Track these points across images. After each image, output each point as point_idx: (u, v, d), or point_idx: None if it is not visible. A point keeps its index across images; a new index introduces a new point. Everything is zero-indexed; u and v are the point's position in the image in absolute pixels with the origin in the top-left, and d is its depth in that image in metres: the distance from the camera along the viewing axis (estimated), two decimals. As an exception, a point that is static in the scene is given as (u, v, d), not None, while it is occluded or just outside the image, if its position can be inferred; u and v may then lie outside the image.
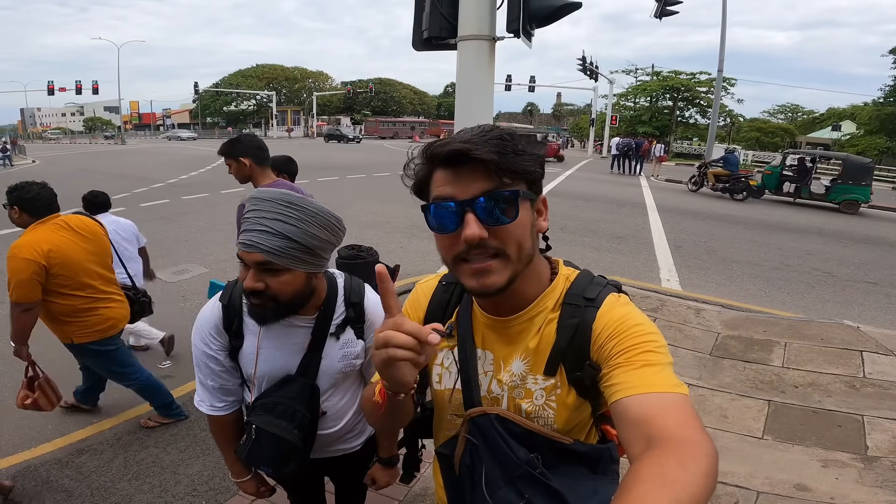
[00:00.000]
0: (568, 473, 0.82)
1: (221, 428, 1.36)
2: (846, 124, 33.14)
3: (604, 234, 8.24)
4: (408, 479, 1.17)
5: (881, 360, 3.70)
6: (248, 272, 1.10)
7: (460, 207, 0.73)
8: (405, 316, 0.69)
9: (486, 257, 0.75)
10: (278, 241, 1.07)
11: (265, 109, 55.89)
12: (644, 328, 0.76)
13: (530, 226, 0.78)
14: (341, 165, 19.51)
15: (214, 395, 1.31)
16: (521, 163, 0.74)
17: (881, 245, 9.08)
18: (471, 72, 3.13)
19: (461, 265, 0.77)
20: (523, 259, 0.78)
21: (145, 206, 10.00)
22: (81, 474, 2.59)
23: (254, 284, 1.09)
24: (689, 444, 0.60)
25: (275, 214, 1.07)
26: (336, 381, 1.31)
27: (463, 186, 0.74)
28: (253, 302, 1.14)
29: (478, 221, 0.73)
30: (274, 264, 1.08)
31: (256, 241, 1.06)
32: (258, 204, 1.09)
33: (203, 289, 5.39)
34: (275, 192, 1.10)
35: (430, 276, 1.03)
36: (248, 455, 1.25)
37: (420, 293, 1.01)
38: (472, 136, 0.74)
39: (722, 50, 17.74)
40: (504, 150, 0.73)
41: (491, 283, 0.76)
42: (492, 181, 0.73)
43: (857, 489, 2.40)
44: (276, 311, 1.15)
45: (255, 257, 1.07)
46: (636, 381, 0.70)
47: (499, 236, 0.74)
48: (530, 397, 0.84)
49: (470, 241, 0.73)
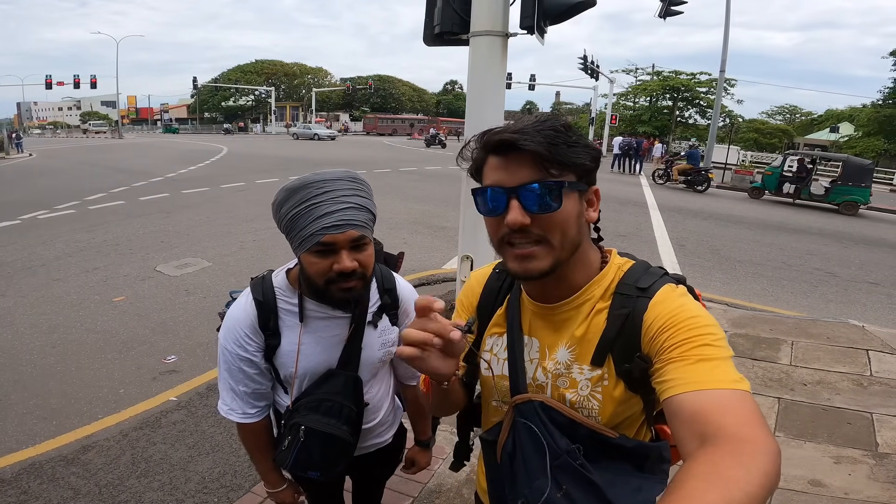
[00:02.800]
0: (611, 468, 0.80)
1: (255, 436, 1.28)
2: (844, 126, 33.24)
3: (606, 233, 7.98)
4: (457, 466, 1.14)
5: (887, 358, 3.72)
6: (339, 255, 1.05)
7: (506, 193, 0.76)
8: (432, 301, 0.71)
9: (529, 243, 0.77)
10: (363, 213, 1.07)
11: (264, 105, 55.65)
12: (700, 320, 0.73)
13: (576, 216, 0.79)
14: (342, 162, 19.45)
15: (246, 401, 1.22)
16: (571, 155, 0.76)
17: (881, 246, 9.11)
18: (483, 68, 3.10)
19: (506, 248, 0.80)
20: (567, 247, 0.79)
21: (145, 200, 9.94)
22: (88, 472, 2.55)
23: (352, 264, 1.05)
24: (748, 442, 0.57)
25: (351, 189, 1.07)
26: (376, 370, 1.29)
27: (511, 173, 0.76)
28: (344, 286, 1.08)
29: (521, 208, 0.75)
30: (365, 238, 1.07)
31: (349, 218, 1.04)
32: (326, 185, 1.05)
33: (206, 283, 5.38)
34: (336, 171, 1.09)
35: (485, 266, 1.04)
36: (294, 460, 1.17)
37: (474, 281, 1.02)
38: (525, 125, 0.76)
39: (724, 51, 17.79)
40: (555, 141, 0.74)
41: (533, 267, 0.78)
42: (539, 171, 0.75)
43: (870, 485, 2.40)
44: (364, 290, 1.13)
45: (350, 235, 1.04)
46: (691, 377, 0.67)
47: (541, 224, 0.76)
48: (575, 387, 0.82)
49: (512, 226, 0.76)
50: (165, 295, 5.01)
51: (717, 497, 0.51)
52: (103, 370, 3.57)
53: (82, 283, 5.24)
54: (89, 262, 5.93)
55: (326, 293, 1.10)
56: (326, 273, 1.07)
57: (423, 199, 10.85)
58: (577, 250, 0.81)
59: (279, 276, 1.21)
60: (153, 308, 4.67)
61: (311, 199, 1.04)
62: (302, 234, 1.04)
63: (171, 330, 4.23)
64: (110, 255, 6.23)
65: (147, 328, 4.24)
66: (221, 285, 5.31)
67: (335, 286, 1.08)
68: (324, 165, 18.59)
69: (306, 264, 1.09)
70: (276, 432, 1.32)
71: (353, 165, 17.44)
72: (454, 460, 1.14)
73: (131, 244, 6.75)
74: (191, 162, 17.77)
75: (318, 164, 17.22)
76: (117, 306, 4.68)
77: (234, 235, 7.32)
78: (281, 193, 1.07)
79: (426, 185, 13.16)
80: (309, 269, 1.09)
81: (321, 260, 1.06)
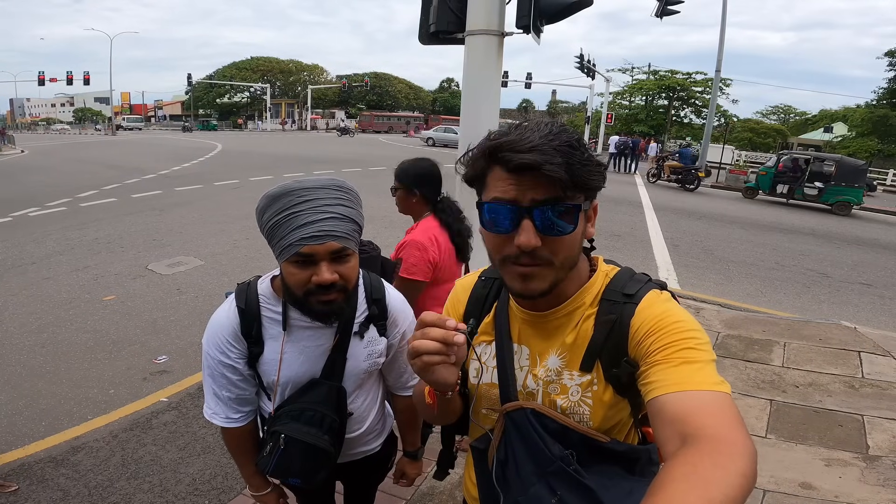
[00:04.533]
0: (603, 473, 0.81)
1: (238, 440, 1.27)
2: (838, 126, 33.49)
3: (601, 232, 8.28)
4: (441, 475, 1.14)
5: (879, 360, 3.74)
6: (318, 267, 1.02)
7: (519, 212, 0.73)
8: (441, 317, 0.72)
9: (533, 264, 0.76)
10: (346, 224, 1.04)
11: (259, 102, 55.33)
12: (684, 324, 0.74)
13: (581, 236, 0.79)
14: (337, 159, 19.37)
15: (230, 406, 1.21)
16: (588, 176, 0.74)
17: (873, 247, 9.18)
18: (478, 67, 3.08)
19: (508, 266, 0.78)
20: (567, 265, 0.78)
21: (137, 198, 9.85)
22: (78, 473, 2.53)
23: (331, 276, 1.02)
24: (726, 443, 0.58)
25: (334, 198, 1.04)
26: (361, 381, 1.27)
27: (523, 190, 0.73)
28: (324, 298, 1.05)
29: (534, 230, 0.73)
30: (347, 250, 1.04)
31: (329, 228, 1.01)
32: (308, 193, 1.02)
33: (199, 282, 5.34)
34: (321, 178, 1.07)
35: (470, 273, 1.03)
36: (275, 467, 1.16)
37: (460, 289, 1.01)
38: (540, 142, 0.71)
39: (720, 51, 17.87)
40: (572, 160, 0.72)
41: (535, 287, 0.77)
42: (555, 191, 0.72)
43: (860, 488, 2.42)
44: (346, 303, 1.10)
45: (330, 246, 1.01)
46: (674, 379, 0.68)
47: (551, 246, 0.75)
48: (566, 393, 0.83)
49: (524, 249, 0.73)
50: (157, 294, 4.97)
51: (698, 499, 0.52)
52: (93, 370, 3.54)
53: (73, 282, 5.19)
54: (80, 261, 5.88)
55: (306, 304, 1.08)
56: (305, 284, 1.05)
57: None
58: (574, 267, 0.81)
59: (264, 284, 1.19)
60: (144, 307, 4.63)
61: (292, 208, 1.01)
62: (281, 243, 1.02)
63: (162, 329, 4.20)
64: (101, 254, 6.17)
65: (138, 328, 4.21)
66: (214, 284, 5.28)
67: (314, 298, 1.06)
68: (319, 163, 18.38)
69: (286, 274, 1.07)
70: (261, 437, 1.30)
71: (349, 163, 17.46)
72: (437, 469, 1.14)
73: (123, 242, 6.69)
74: (184, 159, 17.65)
75: (312, 161, 17.15)
76: (108, 305, 4.64)
77: (227, 234, 7.27)
78: (263, 200, 1.05)
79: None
80: (288, 279, 1.07)
81: (300, 271, 1.04)
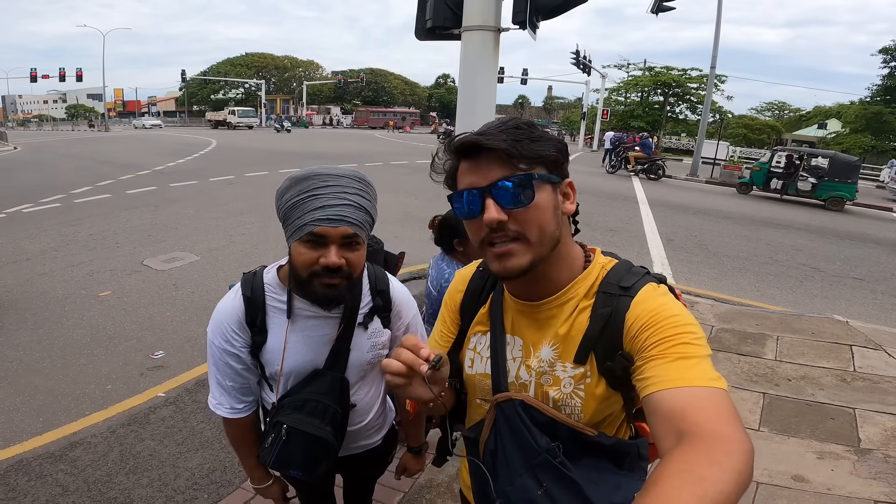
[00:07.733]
0: (591, 467, 0.81)
1: (242, 431, 1.28)
2: (832, 122, 33.63)
3: (597, 227, 8.27)
4: (440, 462, 1.15)
5: (870, 354, 3.79)
6: (328, 249, 1.05)
7: (480, 193, 0.78)
8: (418, 343, 0.77)
9: (507, 241, 0.78)
10: (361, 214, 1.07)
11: (254, 98, 54.99)
12: (680, 319, 0.74)
13: (552, 209, 0.79)
14: (332, 154, 19.32)
15: (234, 395, 1.22)
16: (536, 148, 0.77)
17: (865, 242, 9.26)
18: (475, 63, 3.09)
19: (487, 249, 0.80)
20: (546, 242, 0.79)
21: (132, 194, 9.80)
22: (76, 468, 2.53)
23: (339, 260, 1.05)
24: (722, 440, 0.58)
25: (355, 189, 1.07)
26: (364, 372, 1.27)
27: (482, 174, 0.78)
28: (328, 281, 1.07)
29: (496, 205, 0.76)
30: (357, 237, 1.07)
31: (345, 214, 1.04)
32: (331, 179, 1.06)
33: (195, 277, 5.33)
34: (344, 168, 1.10)
35: (470, 265, 1.05)
36: (276, 458, 1.17)
37: (459, 280, 1.03)
38: (489, 127, 0.79)
39: (715, 47, 17.88)
40: (518, 137, 0.76)
41: (512, 265, 0.78)
42: (508, 167, 0.76)
43: (852, 480, 2.45)
44: (348, 290, 1.12)
45: (342, 231, 1.04)
46: (670, 375, 0.68)
47: (518, 220, 0.77)
48: (558, 385, 0.83)
49: (490, 224, 0.76)
50: (153, 289, 4.96)
51: (691, 495, 0.52)
52: (90, 366, 3.54)
53: (68, 278, 5.17)
54: (75, 257, 5.85)
55: (309, 286, 1.09)
56: (312, 265, 1.06)
57: (413, 193, 10.80)
58: (558, 246, 0.81)
59: (270, 273, 1.20)
60: (140, 303, 4.62)
61: (314, 191, 1.05)
62: (297, 222, 1.05)
63: (158, 325, 4.19)
64: (97, 250, 6.14)
65: (134, 323, 4.20)
66: (210, 279, 5.27)
67: (318, 280, 1.07)
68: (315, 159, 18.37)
69: (294, 254, 1.09)
70: (263, 428, 1.31)
71: (343, 159, 17.45)
72: (437, 455, 1.15)
73: (118, 238, 6.66)
74: (179, 155, 17.54)
75: (308, 158, 17.07)
76: (104, 301, 4.62)
77: (223, 229, 7.25)
78: (287, 181, 1.09)
79: (417, 178, 13.10)
80: (296, 259, 1.08)
81: (309, 251, 1.06)
